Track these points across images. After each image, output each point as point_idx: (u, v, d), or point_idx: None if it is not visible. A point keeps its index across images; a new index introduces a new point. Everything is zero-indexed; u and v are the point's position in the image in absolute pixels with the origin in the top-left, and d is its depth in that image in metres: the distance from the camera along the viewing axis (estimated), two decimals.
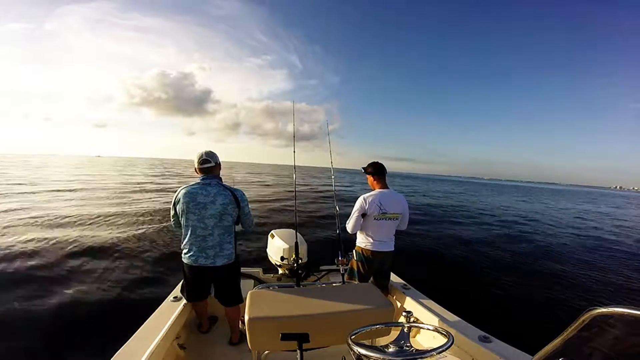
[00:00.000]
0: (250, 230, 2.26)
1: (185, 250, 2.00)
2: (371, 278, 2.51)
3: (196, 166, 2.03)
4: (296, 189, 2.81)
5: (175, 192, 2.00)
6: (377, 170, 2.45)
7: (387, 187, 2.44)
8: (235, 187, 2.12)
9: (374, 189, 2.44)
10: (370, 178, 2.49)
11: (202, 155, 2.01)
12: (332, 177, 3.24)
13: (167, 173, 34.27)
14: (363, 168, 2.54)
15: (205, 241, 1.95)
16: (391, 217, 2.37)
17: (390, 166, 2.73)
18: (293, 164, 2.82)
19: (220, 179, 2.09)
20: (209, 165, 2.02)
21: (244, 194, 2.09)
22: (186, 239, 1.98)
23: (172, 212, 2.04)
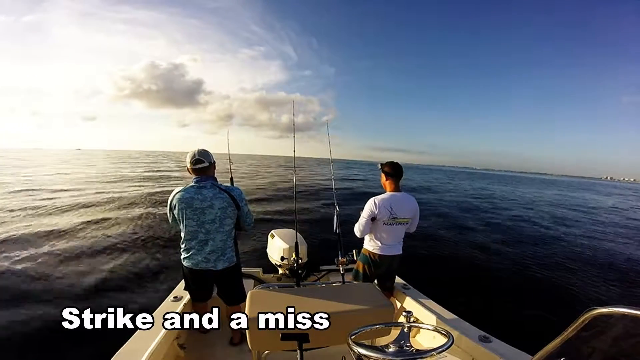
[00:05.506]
0: (250, 229, 2.19)
1: (185, 254, 1.96)
2: (375, 280, 2.49)
3: (189, 167, 1.92)
4: (296, 190, 2.82)
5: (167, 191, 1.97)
6: (394, 171, 2.30)
7: (400, 190, 2.32)
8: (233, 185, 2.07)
9: (386, 190, 2.35)
10: (383, 177, 2.35)
11: (194, 155, 1.90)
12: (332, 178, 3.24)
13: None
14: (380, 164, 2.40)
15: (207, 246, 1.91)
16: (401, 222, 2.29)
17: (383, 156, 2.68)
18: (293, 165, 2.83)
19: (216, 179, 2.00)
20: (202, 165, 1.90)
21: (241, 193, 2.00)
22: (186, 243, 1.94)
23: (169, 215, 1.98)
